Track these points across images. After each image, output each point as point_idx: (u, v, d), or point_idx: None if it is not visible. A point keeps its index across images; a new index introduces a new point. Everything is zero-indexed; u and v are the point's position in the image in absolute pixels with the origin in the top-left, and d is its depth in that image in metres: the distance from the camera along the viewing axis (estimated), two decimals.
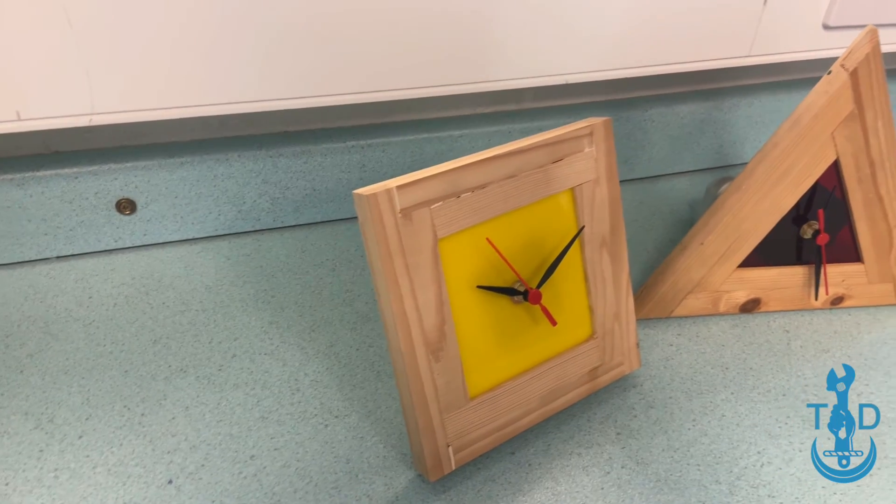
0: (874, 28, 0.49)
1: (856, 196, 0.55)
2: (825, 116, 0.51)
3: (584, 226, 0.48)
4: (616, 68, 0.62)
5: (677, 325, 0.59)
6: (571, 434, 0.49)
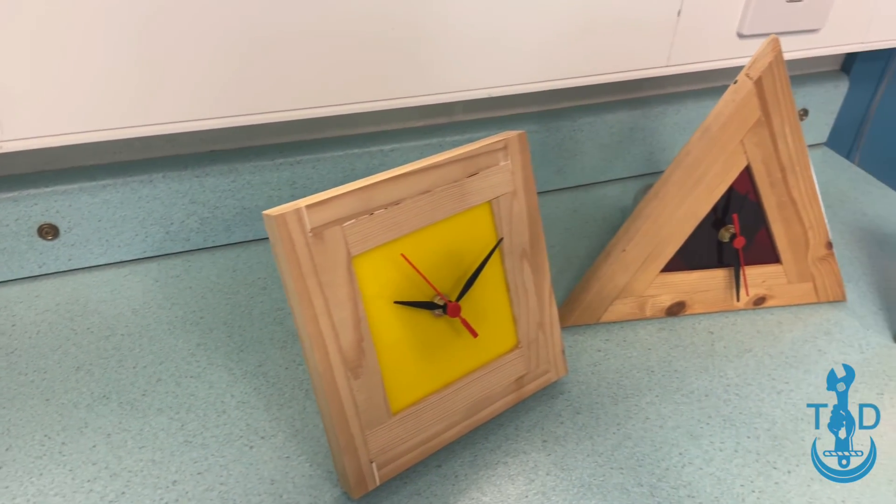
0: (776, 37, 0.51)
1: (769, 200, 0.57)
2: (733, 124, 0.52)
3: (503, 237, 0.48)
4: (539, 81, 0.63)
5: (606, 331, 0.60)
6: (499, 443, 0.50)
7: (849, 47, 0.72)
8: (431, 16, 0.57)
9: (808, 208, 0.58)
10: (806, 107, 0.83)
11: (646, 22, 0.63)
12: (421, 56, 0.59)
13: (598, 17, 0.62)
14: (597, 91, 0.74)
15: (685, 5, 0.62)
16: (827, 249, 0.60)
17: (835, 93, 0.84)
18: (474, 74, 0.62)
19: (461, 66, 0.61)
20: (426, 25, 0.58)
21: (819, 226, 0.59)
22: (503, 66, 0.62)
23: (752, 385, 0.55)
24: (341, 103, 0.59)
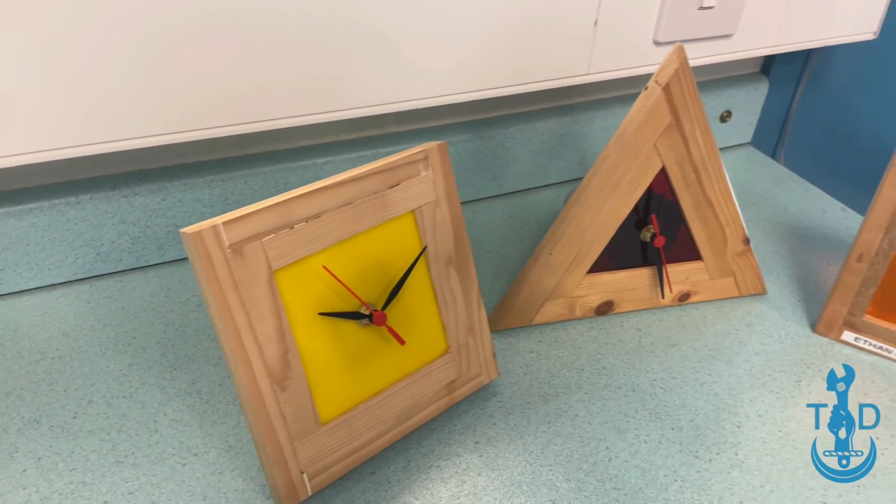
0: (681, 45, 0.53)
1: (686, 200, 0.59)
2: (646, 129, 0.55)
3: (427, 246, 0.49)
4: (466, 91, 0.65)
5: (538, 333, 0.62)
6: (432, 447, 0.51)
7: (762, 51, 0.75)
8: (356, 29, 0.58)
9: (723, 206, 0.61)
10: (729, 108, 0.87)
11: (565, 32, 0.65)
12: (348, 69, 0.60)
13: (521, 28, 0.64)
14: (526, 99, 0.76)
15: (601, 16, 0.64)
16: (744, 245, 0.63)
17: (755, 94, 0.87)
18: (402, 87, 0.63)
19: (389, 78, 0.62)
20: (352, 39, 0.59)
21: (735, 223, 0.62)
22: (431, 78, 0.64)
23: (676, 378, 0.58)
24: (270, 119, 0.60)
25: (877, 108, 1.00)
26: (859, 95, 0.96)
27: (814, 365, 0.59)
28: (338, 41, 0.58)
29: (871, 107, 0.99)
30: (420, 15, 0.60)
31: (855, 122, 0.96)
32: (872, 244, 0.56)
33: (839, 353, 0.60)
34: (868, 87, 0.96)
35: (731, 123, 0.88)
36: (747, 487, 0.49)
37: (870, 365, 0.59)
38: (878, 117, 1.00)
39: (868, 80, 0.96)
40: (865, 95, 0.97)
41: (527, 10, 0.63)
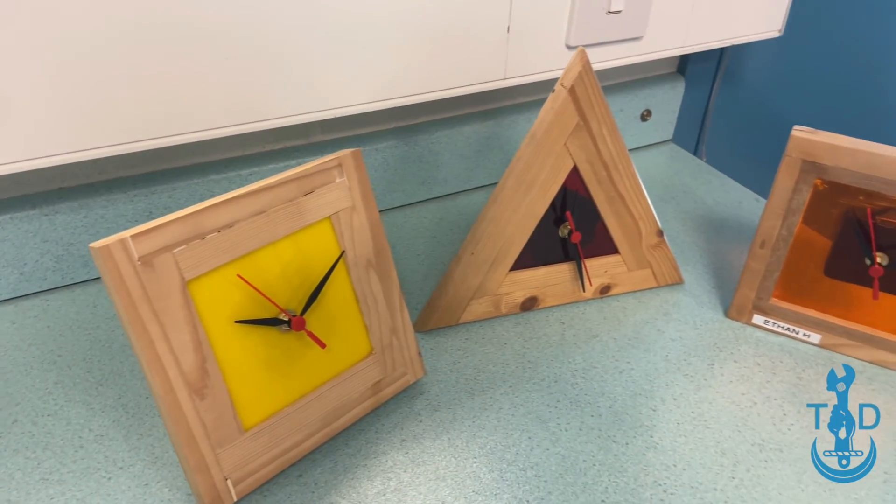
0: (582, 49, 0.56)
1: (599, 196, 0.62)
2: (555, 130, 0.57)
3: (345, 251, 0.51)
4: (386, 99, 0.66)
5: (465, 331, 0.64)
6: (359, 448, 0.52)
7: (672, 52, 0.79)
8: (274, 40, 0.59)
9: (635, 201, 0.63)
10: (649, 107, 0.90)
11: (480, 39, 0.67)
12: (268, 80, 0.61)
13: (438, 37, 0.66)
14: (450, 105, 0.78)
15: (513, 22, 0.67)
16: (658, 237, 0.66)
17: (673, 93, 0.91)
18: (325, 96, 0.64)
19: (311, 88, 0.63)
20: (270, 50, 0.60)
21: (648, 216, 0.64)
22: (351, 87, 0.65)
23: (597, 368, 0.60)
24: (190, 131, 0.60)
25: (787, 101, 1.05)
26: (771, 90, 1.01)
27: (726, 348, 0.62)
28: (256, 53, 0.59)
29: (782, 100, 1.04)
30: (339, 25, 0.61)
31: (768, 115, 1.01)
32: (773, 231, 0.60)
33: (750, 336, 0.64)
34: (778, 82, 1.01)
35: (651, 122, 0.92)
36: (661, 467, 0.51)
37: (778, 346, 0.63)
38: (789, 110, 1.06)
39: (778, 75, 1.01)
40: (776, 90, 1.02)
41: (442, 19, 0.65)
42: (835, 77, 1.06)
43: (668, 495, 0.49)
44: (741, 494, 0.50)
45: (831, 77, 1.06)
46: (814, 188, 0.57)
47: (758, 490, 0.50)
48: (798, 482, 0.51)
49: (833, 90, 1.08)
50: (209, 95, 0.59)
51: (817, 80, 1.05)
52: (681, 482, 0.50)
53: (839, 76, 1.07)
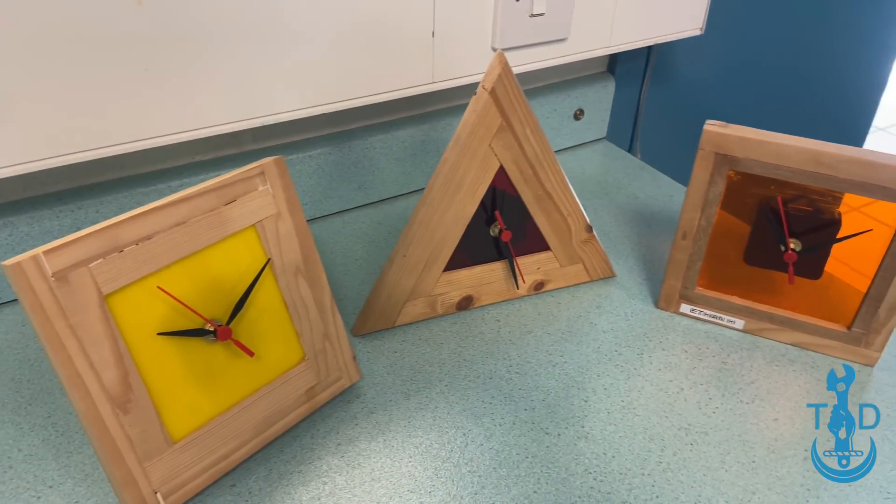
0: (501, 52, 0.57)
1: (527, 195, 0.63)
2: (479, 131, 0.58)
3: (271, 258, 0.51)
4: (317, 105, 0.67)
5: (402, 333, 0.64)
6: (294, 454, 0.52)
7: (597, 52, 0.81)
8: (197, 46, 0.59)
9: (563, 198, 0.65)
10: (581, 107, 0.92)
11: (406, 44, 0.68)
12: (194, 88, 0.61)
13: (365, 42, 0.66)
14: (384, 110, 0.79)
15: (437, 27, 0.68)
16: (588, 233, 0.68)
17: (604, 92, 0.93)
18: (253, 103, 0.64)
19: (238, 95, 0.63)
20: (194, 56, 0.59)
21: (576, 213, 0.66)
22: (279, 94, 0.65)
23: (531, 362, 0.61)
24: (114, 143, 0.59)
25: (713, 96, 1.08)
26: (697, 86, 1.05)
27: (655, 338, 0.64)
28: (179, 60, 0.59)
29: (708, 96, 1.08)
30: (264, 32, 0.62)
31: (695, 111, 1.04)
32: (693, 223, 0.62)
33: (678, 324, 0.66)
34: (704, 78, 1.05)
35: (584, 121, 0.94)
36: (591, 456, 0.53)
37: (704, 333, 0.65)
38: (715, 105, 1.09)
39: (703, 71, 1.04)
40: (703, 86, 1.05)
41: (367, 25, 0.66)
42: (755, 72, 1.11)
43: (598, 482, 0.51)
44: (668, 478, 0.51)
45: (752, 72, 1.10)
46: (728, 180, 0.59)
47: (683, 473, 0.52)
48: (722, 463, 0.52)
49: (754, 84, 1.12)
50: (132, 106, 0.59)
51: (739, 75, 1.09)
52: (610, 469, 0.52)
53: (759, 71, 1.11)
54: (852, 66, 1.27)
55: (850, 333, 0.60)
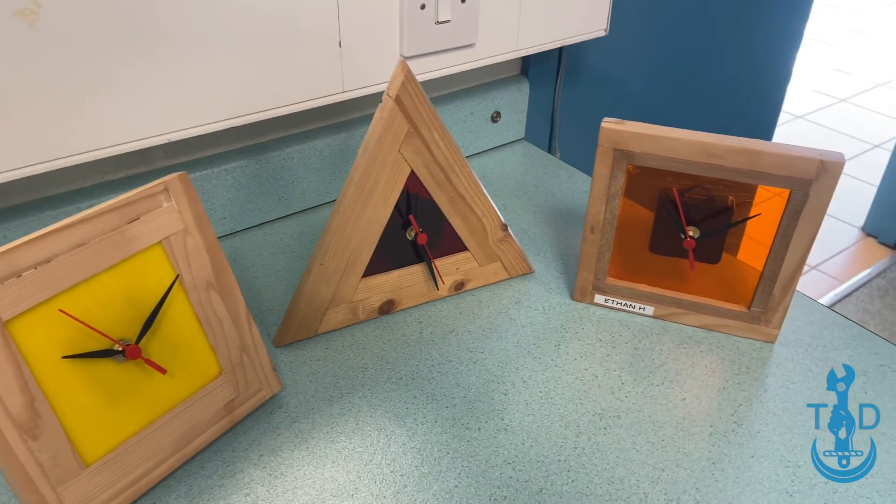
0: (403, 60, 0.58)
1: (440, 198, 0.65)
2: (388, 138, 0.59)
3: (180, 274, 0.51)
4: (227, 118, 0.67)
5: (325, 340, 0.65)
6: (215, 468, 0.52)
7: (506, 55, 0.83)
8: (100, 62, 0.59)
9: (476, 200, 0.67)
10: (498, 109, 0.95)
11: (314, 55, 0.68)
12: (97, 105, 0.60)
13: (271, 54, 0.66)
14: (299, 120, 0.79)
15: (344, 37, 0.69)
16: (503, 232, 0.70)
17: (519, 94, 0.96)
18: (159, 118, 0.64)
19: (144, 110, 0.63)
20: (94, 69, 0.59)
21: (490, 213, 0.68)
22: (188, 107, 0.65)
23: (453, 361, 0.63)
24: (14, 168, 0.58)
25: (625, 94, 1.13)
26: (609, 85, 1.09)
27: (571, 329, 0.67)
28: (78, 77, 0.58)
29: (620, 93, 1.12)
30: (168, 43, 0.61)
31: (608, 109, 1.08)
32: (599, 216, 0.64)
33: (593, 314, 0.68)
34: (615, 77, 1.09)
35: (502, 123, 0.96)
36: (510, 447, 0.55)
37: (618, 321, 0.68)
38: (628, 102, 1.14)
39: (614, 70, 1.08)
40: (614, 84, 1.09)
41: (274, 36, 0.66)
42: (665, 68, 1.15)
43: (517, 472, 0.53)
44: (582, 462, 0.53)
45: (662, 68, 1.15)
46: (627, 173, 0.62)
47: (597, 456, 0.54)
48: (633, 444, 0.55)
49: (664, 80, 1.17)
50: (31, 128, 0.58)
51: (649, 72, 1.13)
52: (528, 458, 0.54)
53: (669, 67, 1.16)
54: (758, 59, 1.33)
55: (749, 313, 0.64)
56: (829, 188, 0.56)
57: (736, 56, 1.27)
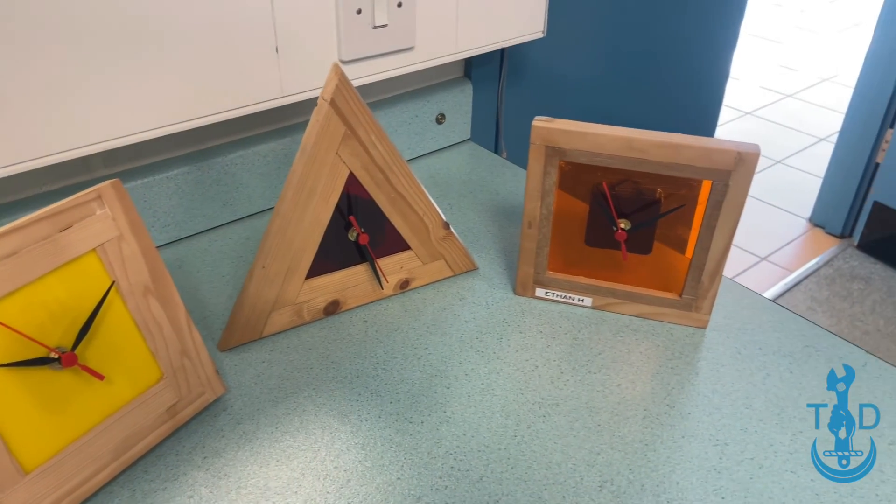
0: (336, 64, 0.60)
1: (381, 198, 0.66)
2: (324, 141, 0.60)
3: (116, 281, 0.51)
4: (167, 125, 0.67)
5: (271, 342, 0.65)
6: (158, 472, 0.53)
7: (446, 58, 0.85)
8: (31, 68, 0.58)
9: (416, 199, 0.68)
10: (442, 111, 0.96)
11: (251, 60, 0.69)
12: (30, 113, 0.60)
13: (208, 60, 0.67)
14: (242, 125, 0.79)
15: (280, 42, 0.70)
16: (445, 230, 0.71)
17: (462, 96, 0.98)
18: (97, 126, 0.64)
19: (79, 118, 0.62)
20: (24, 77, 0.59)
21: (431, 212, 0.69)
22: (125, 115, 0.65)
23: (397, 358, 0.64)
24: None
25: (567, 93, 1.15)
26: (552, 85, 1.11)
27: (514, 322, 0.68)
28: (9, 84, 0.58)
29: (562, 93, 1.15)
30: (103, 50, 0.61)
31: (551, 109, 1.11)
32: (535, 212, 0.66)
33: (534, 307, 0.70)
34: (558, 77, 1.11)
35: (447, 124, 0.98)
36: (452, 438, 0.56)
37: (558, 313, 0.70)
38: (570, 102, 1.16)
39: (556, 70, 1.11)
40: (557, 84, 1.12)
41: (210, 42, 0.67)
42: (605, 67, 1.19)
43: (458, 462, 0.54)
44: (522, 449, 0.55)
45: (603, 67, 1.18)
46: (560, 169, 0.64)
47: (536, 443, 0.56)
48: (571, 430, 0.57)
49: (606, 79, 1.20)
50: None
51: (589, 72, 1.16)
52: (469, 448, 0.55)
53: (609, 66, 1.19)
54: (698, 57, 1.37)
55: (681, 300, 0.66)
56: (747, 178, 0.59)
57: (676, 55, 1.31)
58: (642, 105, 1.30)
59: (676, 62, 1.32)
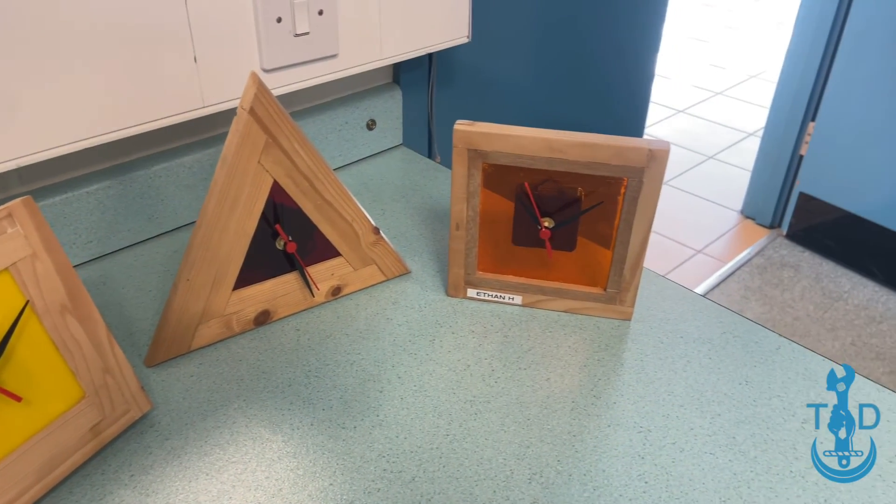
0: (254, 73, 0.59)
1: (307, 206, 0.66)
2: (245, 150, 0.60)
3: (30, 300, 0.50)
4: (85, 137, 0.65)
5: (199, 356, 0.65)
6: (84, 493, 0.51)
7: (371, 65, 0.85)
8: None
9: (344, 206, 0.68)
10: (373, 117, 0.97)
11: (170, 71, 0.68)
12: None
13: (124, 71, 0.66)
14: (165, 137, 0.78)
15: (198, 52, 0.69)
16: (375, 235, 0.72)
17: (392, 102, 0.98)
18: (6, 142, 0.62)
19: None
20: None
21: (360, 218, 0.70)
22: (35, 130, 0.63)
23: (330, 364, 0.64)
24: None
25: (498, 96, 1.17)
26: (482, 89, 1.13)
27: (446, 323, 0.69)
28: None
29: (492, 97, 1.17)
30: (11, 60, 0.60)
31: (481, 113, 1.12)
32: (462, 214, 0.67)
33: (466, 308, 0.71)
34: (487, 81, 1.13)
35: (378, 130, 0.98)
36: (385, 441, 0.56)
37: (489, 312, 0.71)
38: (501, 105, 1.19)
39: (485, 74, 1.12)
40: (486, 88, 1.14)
41: (126, 53, 0.65)
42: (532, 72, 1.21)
43: (391, 464, 0.55)
44: (454, 448, 0.56)
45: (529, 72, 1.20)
46: (483, 171, 0.65)
47: (468, 440, 0.57)
48: (501, 426, 0.58)
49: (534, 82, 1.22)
50: None
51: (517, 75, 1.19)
52: (402, 450, 0.56)
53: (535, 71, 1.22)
54: (624, 59, 1.42)
55: (606, 294, 0.69)
56: (659, 174, 0.61)
57: (603, 56, 1.35)
58: (573, 106, 1.34)
59: (603, 63, 1.36)
